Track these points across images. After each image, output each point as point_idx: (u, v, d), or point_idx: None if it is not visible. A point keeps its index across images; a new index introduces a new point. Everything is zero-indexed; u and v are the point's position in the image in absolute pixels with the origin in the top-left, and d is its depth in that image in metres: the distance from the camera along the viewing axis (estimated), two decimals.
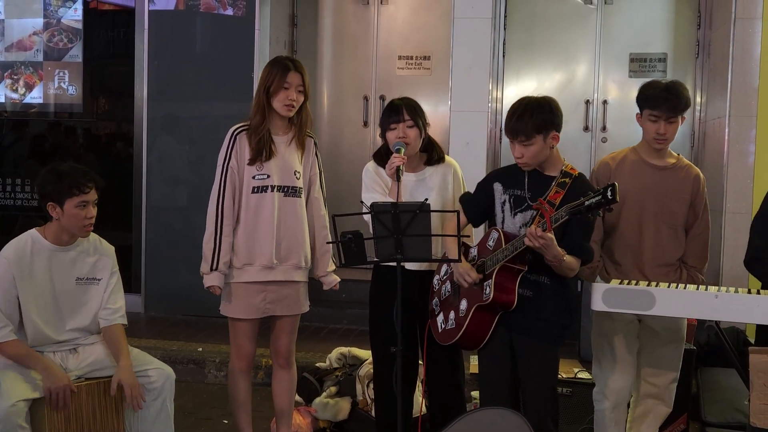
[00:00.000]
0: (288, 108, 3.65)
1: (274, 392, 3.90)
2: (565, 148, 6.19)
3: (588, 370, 4.79)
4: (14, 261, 3.36)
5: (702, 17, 6.40)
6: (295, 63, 3.69)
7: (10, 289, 3.34)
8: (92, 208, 3.44)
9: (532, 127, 3.15)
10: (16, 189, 6.97)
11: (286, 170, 3.68)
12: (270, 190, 3.64)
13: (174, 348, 5.58)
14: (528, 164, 3.24)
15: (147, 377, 3.48)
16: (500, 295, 3.15)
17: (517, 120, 3.17)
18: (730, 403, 4.40)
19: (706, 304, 2.97)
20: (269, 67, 3.69)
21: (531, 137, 3.16)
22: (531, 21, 6.69)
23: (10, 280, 3.34)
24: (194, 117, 6.48)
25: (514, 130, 3.19)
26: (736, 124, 5.62)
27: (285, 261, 3.70)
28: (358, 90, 6.99)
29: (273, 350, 3.86)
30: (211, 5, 6.44)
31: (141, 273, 6.62)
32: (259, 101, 3.67)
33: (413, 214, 3.00)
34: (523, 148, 3.19)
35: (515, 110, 3.21)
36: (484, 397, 3.43)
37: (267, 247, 3.65)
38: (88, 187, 3.40)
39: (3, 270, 3.34)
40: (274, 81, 3.63)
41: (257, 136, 3.63)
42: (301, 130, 3.75)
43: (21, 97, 6.97)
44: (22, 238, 3.45)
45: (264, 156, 3.62)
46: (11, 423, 3.11)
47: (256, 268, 3.67)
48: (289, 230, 3.70)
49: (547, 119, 3.18)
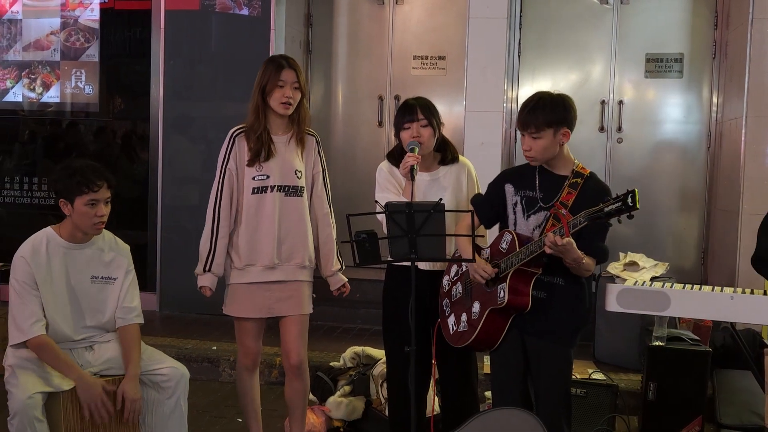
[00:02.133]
0: (285, 106, 3.63)
1: (287, 397, 3.87)
2: (580, 148, 6.22)
3: (602, 371, 4.78)
4: (32, 259, 3.37)
5: (719, 17, 6.36)
6: (289, 60, 3.67)
7: (34, 286, 3.35)
8: (103, 206, 3.42)
9: (543, 120, 3.14)
10: (33, 187, 7.02)
11: (286, 170, 3.67)
12: (270, 191, 3.63)
13: (188, 346, 5.60)
14: (535, 158, 3.22)
15: (162, 375, 3.48)
16: (515, 298, 3.14)
17: (529, 112, 3.17)
18: (745, 405, 4.37)
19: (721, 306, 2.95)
20: (263, 67, 3.67)
21: (541, 130, 3.15)
22: (546, 21, 6.67)
23: (32, 278, 3.36)
24: (209, 116, 6.51)
25: (525, 122, 3.18)
26: (753, 125, 5.58)
27: (288, 261, 3.69)
28: (372, 90, 6.99)
29: (283, 354, 3.83)
30: (226, 5, 6.46)
31: (156, 272, 6.65)
32: (255, 102, 3.66)
33: (427, 213, 3.00)
34: (531, 140, 3.18)
35: (528, 103, 3.21)
36: (496, 399, 3.42)
37: (268, 248, 3.64)
38: (97, 186, 3.38)
39: (24, 269, 3.36)
40: (268, 80, 3.61)
41: (255, 137, 3.62)
42: (300, 127, 3.72)
43: (38, 96, 7.02)
44: (37, 236, 3.46)
45: (263, 157, 3.61)
46: (27, 415, 3.12)
47: (258, 268, 3.66)
48: (291, 230, 3.69)
49: (560, 115, 3.17)
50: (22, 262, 3.37)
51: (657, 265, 5.26)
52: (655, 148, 6.60)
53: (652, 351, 4.32)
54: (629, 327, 5.11)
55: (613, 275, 5.25)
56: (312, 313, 3.82)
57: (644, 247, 5.69)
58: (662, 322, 4.39)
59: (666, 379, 4.27)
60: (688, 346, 4.35)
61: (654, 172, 6.55)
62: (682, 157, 6.56)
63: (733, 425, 4.35)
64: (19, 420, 3.13)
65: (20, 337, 3.32)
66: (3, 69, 7.04)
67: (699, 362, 4.28)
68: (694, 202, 6.56)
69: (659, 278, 5.08)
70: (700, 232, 6.54)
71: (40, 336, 3.31)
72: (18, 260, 3.39)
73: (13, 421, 3.15)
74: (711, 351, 4.37)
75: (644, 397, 4.31)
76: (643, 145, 6.62)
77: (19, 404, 3.13)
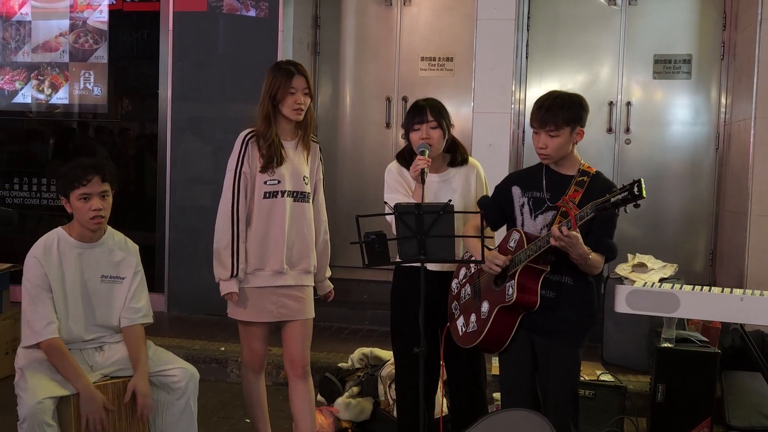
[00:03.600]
0: (297, 112, 3.64)
1: (293, 404, 3.81)
2: (588, 149, 6.22)
3: (610, 373, 4.78)
4: (44, 259, 3.39)
5: (727, 18, 6.35)
6: (298, 66, 3.68)
7: (47, 288, 3.37)
8: (98, 199, 3.39)
9: (562, 118, 3.17)
10: (42, 189, 7.04)
11: (296, 175, 3.68)
12: (281, 196, 3.63)
13: (197, 347, 5.61)
14: (550, 156, 3.23)
15: (171, 376, 3.49)
16: (523, 296, 3.14)
17: (548, 110, 3.18)
18: (754, 407, 4.37)
19: (731, 307, 2.95)
20: (272, 74, 3.66)
21: (560, 128, 3.17)
22: (554, 22, 6.66)
23: (44, 279, 3.37)
24: (217, 118, 6.53)
25: (543, 120, 3.19)
26: (762, 126, 5.56)
27: (296, 266, 3.70)
28: (380, 91, 7.00)
29: (287, 359, 3.79)
30: (233, 6, 6.47)
31: (164, 272, 6.66)
32: (265, 109, 3.64)
33: (437, 214, 3.00)
34: (548, 138, 3.19)
35: (545, 101, 3.23)
36: (504, 400, 3.43)
37: (278, 253, 3.64)
38: (87, 179, 3.37)
39: (37, 270, 3.37)
40: (279, 88, 3.61)
41: (267, 143, 3.61)
42: (307, 132, 3.74)
43: (47, 97, 7.03)
44: (49, 236, 3.48)
45: (276, 162, 3.61)
46: (37, 420, 3.13)
47: (267, 273, 3.65)
48: (300, 235, 3.70)
49: (578, 114, 3.21)
50: (35, 262, 3.38)
51: (665, 267, 5.25)
52: (664, 150, 6.58)
53: (661, 352, 4.32)
54: (638, 328, 5.10)
55: (621, 276, 5.25)
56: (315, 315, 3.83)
57: (652, 249, 5.68)
58: (671, 324, 4.38)
59: (675, 380, 4.27)
60: (697, 347, 4.35)
61: (662, 174, 6.54)
62: (690, 159, 6.55)
63: (742, 427, 4.34)
64: (28, 425, 3.14)
65: (34, 339, 3.33)
66: (12, 70, 7.06)
67: (708, 364, 4.27)
68: (702, 204, 6.55)
69: (668, 280, 5.07)
70: (709, 233, 6.53)
71: (54, 339, 3.33)
72: (31, 260, 3.40)
73: (23, 425, 3.16)
74: (720, 353, 4.36)
75: (653, 399, 4.31)
76: (651, 147, 6.61)
77: (29, 409, 3.14)
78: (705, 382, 4.25)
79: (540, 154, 3.26)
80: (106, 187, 3.43)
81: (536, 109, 3.25)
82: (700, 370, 4.26)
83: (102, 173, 3.42)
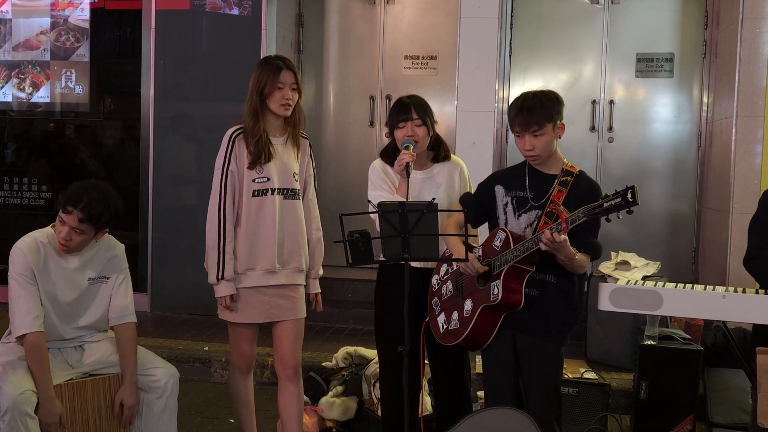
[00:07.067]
0: (285, 107, 3.59)
1: (281, 406, 3.76)
2: (571, 147, 6.24)
3: (594, 371, 4.79)
4: (29, 252, 3.36)
5: (709, 17, 6.39)
6: (286, 61, 3.63)
7: (32, 279, 3.35)
8: (67, 230, 3.33)
9: (544, 116, 3.18)
10: (23, 188, 6.98)
11: (285, 172, 3.63)
12: (270, 193, 3.59)
13: (180, 347, 5.59)
14: (539, 156, 3.23)
15: (151, 376, 3.49)
16: (508, 296, 3.14)
17: (528, 112, 3.18)
18: (737, 403, 4.39)
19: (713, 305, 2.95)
20: (260, 69, 3.60)
21: (543, 126, 3.18)
22: (538, 21, 6.68)
23: (30, 270, 3.35)
24: (200, 116, 6.50)
25: (526, 123, 3.19)
26: (744, 125, 5.60)
27: (287, 265, 3.65)
28: (364, 90, 6.99)
29: (278, 359, 3.73)
30: (216, 5, 6.44)
31: (147, 272, 6.63)
32: (253, 104, 3.59)
33: (420, 213, 2.99)
34: (534, 139, 3.19)
35: (522, 104, 3.22)
36: (488, 397, 3.43)
37: (269, 252, 3.59)
38: (66, 210, 3.32)
39: (22, 261, 3.34)
40: (267, 82, 3.55)
41: (254, 139, 3.56)
42: (296, 128, 3.70)
43: (28, 96, 6.98)
44: (39, 233, 3.45)
45: (264, 159, 3.56)
46: (19, 411, 3.12)
47: (258, 272, 3.60)
48: (291, 233, 3.65)
49: (556, 108, 3.23)
50: (20, 253, 3.36)
51: (648, 264, 5.28)
52: (646, 148, 6.62)
53: (644, 350, 4.33)
54: (621, 326, 5.13)
55: (604, 274, 5.27)
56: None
57: (635, 247, 5.71)
58: (654, 321, 4.40)
59: (658, 378, 4.28)
60: (680, 345, 4.37)
61: (645, 172, 6.57)
62: (672, 157, 6.58)
63: (725, 423, 4.37)
64: (10, 416, 3.13)
65: (19, 330, 3.31)
66: None
67: (690, 361, 4.29)
68: (684, 202, 6.59)
69: (651, 277, 5.09)
70: (691, 231, 6.57)
71: (38, 334, 3.31)
72: (16, 251, 3.37)
73: (5, 417, 3.14)
74: (702, 350, 4.38)
75: (636, 396, 4.32)
76: (634, 145, 6.64)
77: (10, 401, 3.13)
78: (688, 379, 4.27)
79: (528, 156, 3.26)
80: (83, 227, 3.34)
81: (516, 113, 3.24)
82: (683, 367, 4.28)
83: (86, 212, 3.32)
